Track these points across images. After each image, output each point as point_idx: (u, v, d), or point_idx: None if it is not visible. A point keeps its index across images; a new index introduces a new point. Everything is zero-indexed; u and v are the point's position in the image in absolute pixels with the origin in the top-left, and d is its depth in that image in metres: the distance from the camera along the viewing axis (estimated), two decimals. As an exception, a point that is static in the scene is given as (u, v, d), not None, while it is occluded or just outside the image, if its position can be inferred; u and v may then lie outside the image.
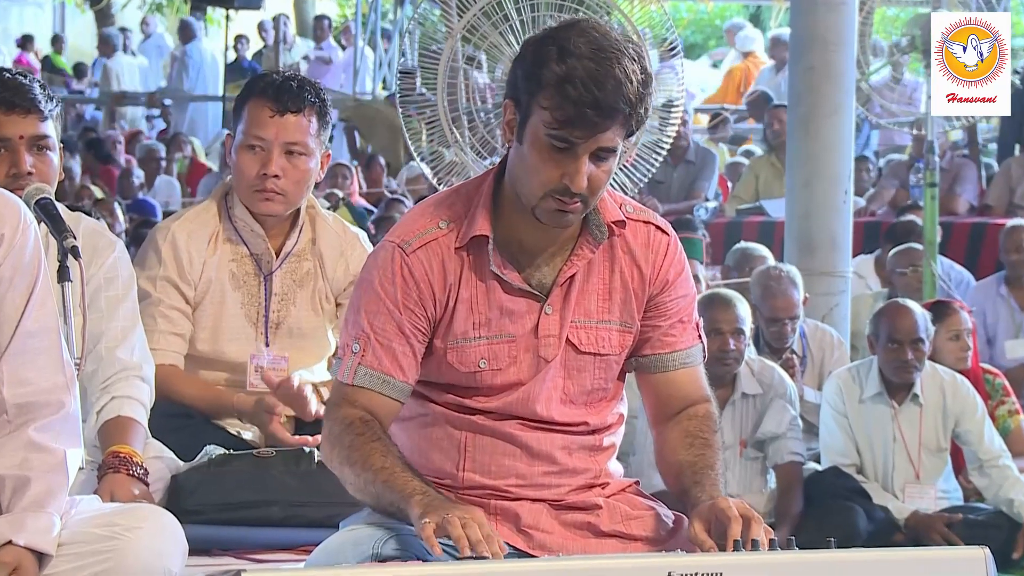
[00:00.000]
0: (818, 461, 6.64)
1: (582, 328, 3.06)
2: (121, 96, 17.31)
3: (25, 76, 3.72)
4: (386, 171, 13.60)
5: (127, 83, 17.86)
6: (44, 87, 3.74)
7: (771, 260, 7.81)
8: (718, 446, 3.10)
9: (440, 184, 6.46)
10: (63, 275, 3.44)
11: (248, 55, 17.74)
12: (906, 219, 9.27)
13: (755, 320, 6.76)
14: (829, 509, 6.26)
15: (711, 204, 11.31)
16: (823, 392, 6.69)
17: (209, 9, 18.03)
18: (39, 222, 3.43)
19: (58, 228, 3.51)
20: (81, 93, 18.19)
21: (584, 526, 3.07)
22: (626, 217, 3.08)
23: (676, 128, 6.83)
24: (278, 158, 4.18)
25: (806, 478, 6.44)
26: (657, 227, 3.12)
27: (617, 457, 3.19)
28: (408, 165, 12.61)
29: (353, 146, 14.94)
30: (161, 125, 17.33)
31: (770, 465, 6.46)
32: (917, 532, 6.26)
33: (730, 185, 12.16)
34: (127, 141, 15.42)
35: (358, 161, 14.00)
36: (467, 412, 3.06)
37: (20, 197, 3.14)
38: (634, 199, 3.31)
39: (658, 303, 3.11)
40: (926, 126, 7.96)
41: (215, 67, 17.56)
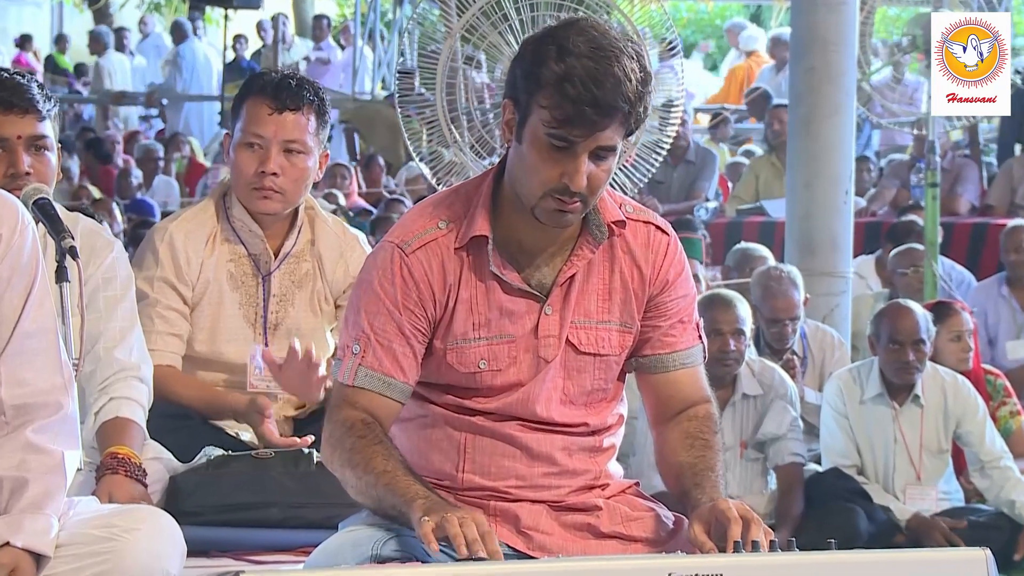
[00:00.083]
0: (819, 462, 6.63)
1: (582, 328, 3.05)
2: (120, 96, 17.28)
3: (23, 76, 3.71)
4: (386, 171, 13.59)
5: (119, 82, 17.80)
6: (42, 87, 3.73)
7: (771, 260, 7.80)
8: (718, 447, 3.09)
9: (439, 184, 6.45)
10: (61, 275, 3.42)
11: (247, 55, 17.72)
12: (907, 219, 9.25)
13: (755, 321, 6.74)
14: (830, 510, 6.24)
15: (711, 204, 11.30)
16: (824, 393, 6.67)
17: (208, 8, 18.01)
18: (37, 222, 3.43)
19: (56, 228, 3.50)
20: (79, 93, 18.17)
21: (584, 527, 3.07)
22: (626, 217, 3.07)
23: (676, 128, 6.83)
24: (276, 156, 4.17)
25: (807, 479, 6.43)
26: (657, 227, 3.11)
27: (617, 458, 3.19)
28: (407, 165, 12.60)
29: (352, 148, 14.93)
30: (160, 125, 17.32)
31: (771, 466, 6.45)
32: (918, 534, 6.25)
33: (730, 185, 12.15)
34: (125, 141, 15.40)
35: (357, 161, 14.00)
36: (467, 413, 3.06)
37: (18, 197, 3.13)
38: (634, 199, 3.31)
39: (658, 303, 3.10)
40: (927, 126, 7.95)
41: (208, 67, 17.54)
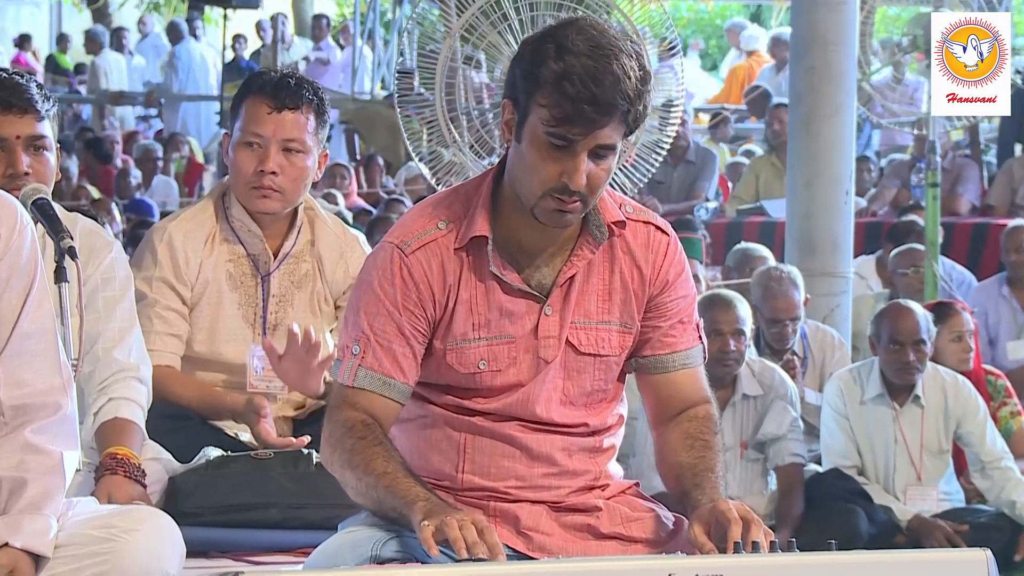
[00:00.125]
0: (819, 463, 6.62)
1: (582, 329, 3.05)
2: (119, 96, 17.26)
3: (22, 76, 3.71)
4: (385, 171, 13.58)
5: (115, 81, 17.76)
6: (41, 87, 3.73)
7: (772, 261, 7.79)
8: (718, 448, 3.09)
9: (439, 184, 6.45)
10: (60, 276, 3.42)
11: (246, 55, 17.71)
12: (907, 219, 9.24)
13: (756, 321, 6.74)
14: (830, 511, 6.24)
15: (711, 204, 11.30)
16: (824, 393, 6.67)
17: (207, 8, 17.98)
18: (36, 222, 3.42)
19: (55, 229, 3.50)
20: (79, 93, 18.15)
21: (584, 528, 3.06)
22: (626, 217, 3.07)
23: (676, 128, 6.82)
24: (276, 155, 4.16)
25: (807, 480, 6.43)
26: (657, 227, 3.11)
27: (617, 459, 3.18)
28: (406, 165, 12.59)
29: (352, 148, 14.92)
30: (159, 125, 17.31)
31: (771, 467, 6.44)
32: (919, 535, 6.25)
33: (730, 185, 12.14)
34: (124, 141, 15.39)
35: (356, 162, 13.99)
36: (466, 413, 3.05)
37: (17, 197, 3.13)
38: (634, 199, 3.30)
39: (658, 304, 3.10)
40: (928, 126, 7.94)
41: (204, 67, 17.52)
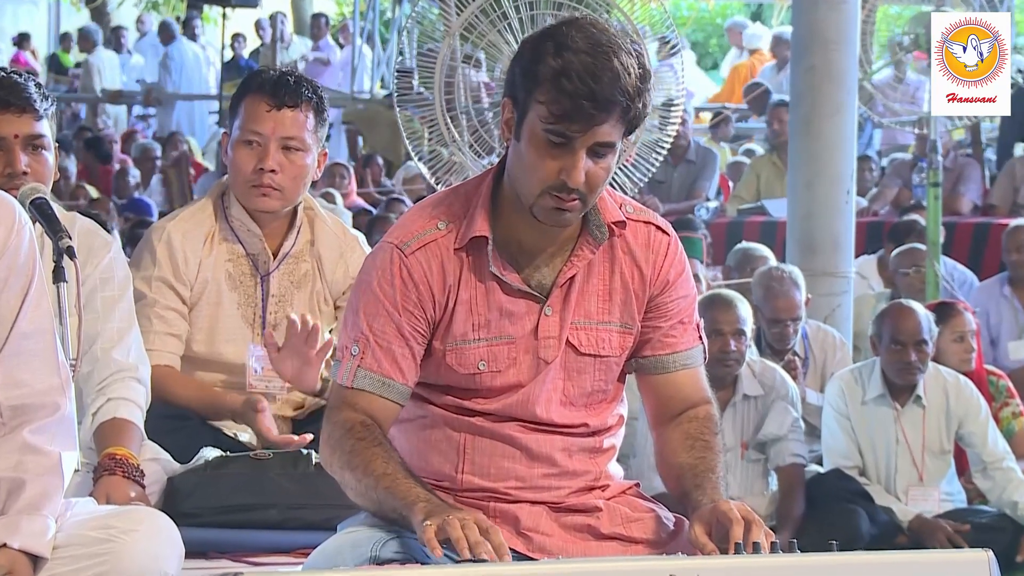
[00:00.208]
0: (820, 463, 6.62)
1: (582, 329, 3.04)
2: (118, 95, 17.25)
3: (20, 75, 3.70)
4: (385, 171, 13.57)
5: (108, 79, 17.74)
6: (40, 86, 3.72)
7: (773, 260, 7.79)
8: (719, 448, 3.08)
9: (439, 184, 6.44)
10: (58, 276, 3.41)
11: (245, 53, 17.71)
12: (909, 219, 9.23)
13: (757, 321, 6.73)
14: (831, 511, 6.23)
15: (712, 204, 11.29)
16: (825, 394, 6.66)
17: (206, 7, 17.99)
18: (34, 222, 3.42)
19: (53, 228, 3.49)
20: (77, 92, 18.15)
21: (584, 528, 3.06)
22: (626, 217, 3.06)
23: (676, 127, 6.81)
24: (275, 153, 4.16)
25: (808, 480, 6.42)
26: (657, 227, 3.10)
27: (617, 459, 3.18)
28: (405, 165, 12.59)
29: (354, 148, 14.91)
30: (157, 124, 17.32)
31: (772, 467, 6.44)
32: (920, 535, 6.24)
33: (731, 185, 12.13)
34: (123, 140, 15.38)
35: (356, 161, 13.98)
36: (466, 414, 3.04)
37: (15, 197, 3.12)
38: (634, 199, 3.29)
39: (658, 304, 3.09)
40: (929, 125, 7.93)
41: (198, 66, 17.50)
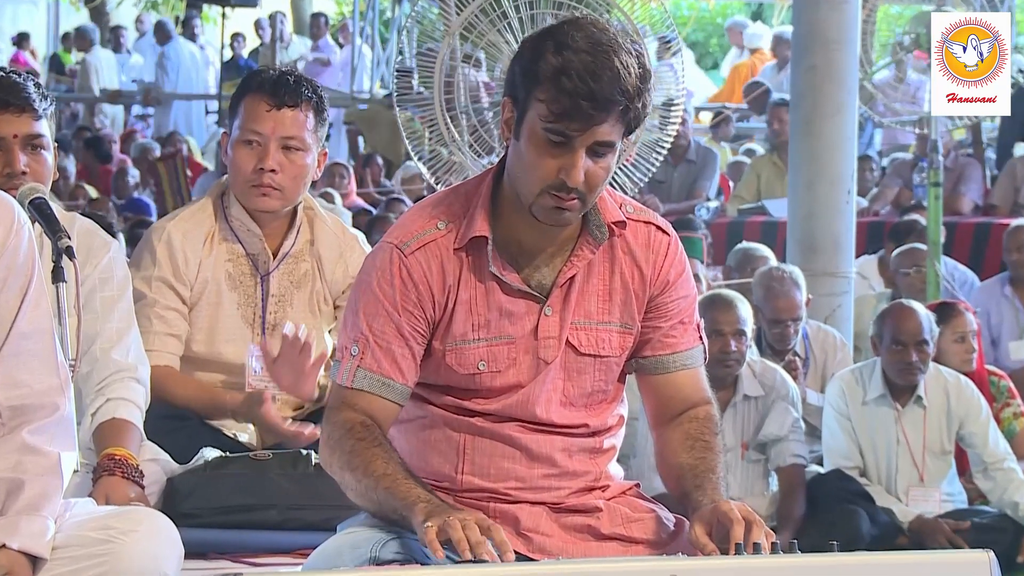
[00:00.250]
0: (820, 464, 6.61)
1: (582, 330, 3.04)
2: (117, 94, 17.24)
3: (19, 74, 3.70)
4: (385, 171, 13.57)
5: (105, 79, 17.71)
6: (39, 86, 3.72)
7: (773, 261, 7.78)
8: (719, 449, 3.08)
9: (438, 184, 6.44)
10: (58, 276, 3.41)
11: (244, 53, 17.71)
12: (910, 219, 9.23)
13: (757, 321, 6.73)
14: (832, 512, 6.23)
15: (712, 204, 11.29)
16: (826, 394, 6.65)
17: (205, 7, 17.99)
18: (33, 222, 3.42)
19: (52, 228, 3.48)
20: (74, 91, 18.15)
21: (584, 529, 3.05)
22: (626, 217, 3.05)
23: (676, 127, 6.81)
24: (275, 153, 4.16)
25: (808, 481, 6.41)
26: (658, 227, 3.10)
27: (617, 459, 3.17)
28: (404, 165, 12.58)
29: (354, 148, 14.91)
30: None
31: (772, 468, 6.43)
32: (921, 536, 6.23)
33: (732, 185, 12.13)
34: (122, 140, 15.38)
35: (356, 161, 13.98)
36: (466, 414, 3.04)
37: (14, 197, 3.11)
38: (634, 199, 3.29)
39: (659, 304, 3.08)
40: (930, 125, 7.92)
41: (195, 66, 17.49)
